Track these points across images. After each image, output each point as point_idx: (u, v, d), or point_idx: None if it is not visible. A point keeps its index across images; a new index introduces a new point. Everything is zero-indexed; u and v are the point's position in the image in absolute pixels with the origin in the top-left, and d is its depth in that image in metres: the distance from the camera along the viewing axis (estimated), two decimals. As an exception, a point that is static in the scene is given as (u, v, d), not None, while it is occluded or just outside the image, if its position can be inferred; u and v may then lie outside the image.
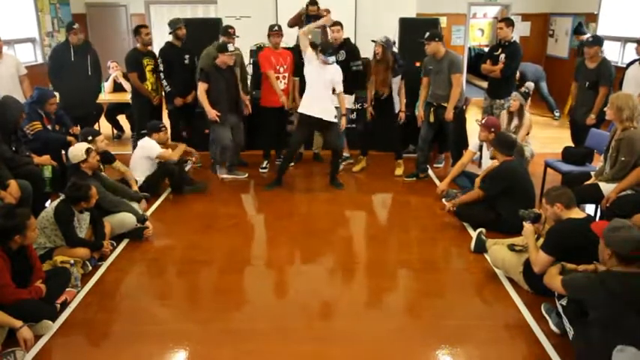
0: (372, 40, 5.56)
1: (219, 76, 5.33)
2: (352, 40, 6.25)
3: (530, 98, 5.39)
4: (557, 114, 8.79)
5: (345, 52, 5.78)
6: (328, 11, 5.90)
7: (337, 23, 5.79)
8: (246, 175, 5.89)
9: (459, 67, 5.37)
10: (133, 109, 6.28)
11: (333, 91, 5.28)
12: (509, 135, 4.64)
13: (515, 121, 5.24)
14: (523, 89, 5.31)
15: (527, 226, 3.45)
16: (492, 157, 4.55)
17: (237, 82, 5.62)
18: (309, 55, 5.13)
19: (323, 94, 5.19)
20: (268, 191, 5.45)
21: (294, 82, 5.89)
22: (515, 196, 4.20)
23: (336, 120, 5.31)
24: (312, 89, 5.22)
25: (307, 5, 7.43)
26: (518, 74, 8.15)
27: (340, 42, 5.79)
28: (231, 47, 5.30)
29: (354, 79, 5.77)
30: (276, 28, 5.69)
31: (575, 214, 3.25)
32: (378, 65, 5.52)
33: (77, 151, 4.25)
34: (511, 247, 3.66)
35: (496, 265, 3.75)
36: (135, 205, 4.57)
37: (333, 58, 5.13)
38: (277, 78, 5.70)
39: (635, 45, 5.73)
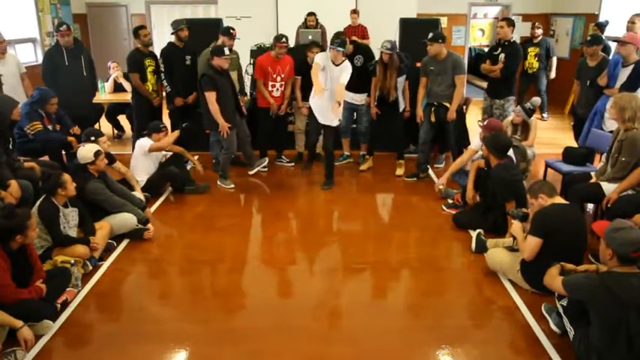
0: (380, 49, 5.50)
1: (223, 79, 5.20)
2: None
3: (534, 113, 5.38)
4: (545, 115, 8.75)
5: (361, 56, 5.76)
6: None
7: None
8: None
9: (463, 68, 5.38)
10: (133, 109, 6.28)
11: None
12: (504, 138, 4.49)
13: (519, 133, 5.27)
14: (528, 105, 5.29)
15: (516, 223, 3.60)
16: (485, 158, 4.47)
17: (233, 83, 5.58)
18: (319, 61, 5.04)
19: (329, 102, 5.12)
20: (315, 192, 5.48)
21: (296, 80, 5.91)
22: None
23: (337, 123, 5.35)
24: (319, 96, 5.07)
25: (306, 17, 7.50)
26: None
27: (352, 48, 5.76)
28: (226, 51, 5.16)
29: (369, 79, 5.73)
30: (284, 40, 5.63)
31: (558, 201, 3.40)
32: (387, 69, 5.49)
33: (86, 152, 4.24)
34: (510, 248, 3.73)
35: (494, 268, 3.76)
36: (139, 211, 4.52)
37: (341, 48, 5.02)
38: (273, 85, 5.75)
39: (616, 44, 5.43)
